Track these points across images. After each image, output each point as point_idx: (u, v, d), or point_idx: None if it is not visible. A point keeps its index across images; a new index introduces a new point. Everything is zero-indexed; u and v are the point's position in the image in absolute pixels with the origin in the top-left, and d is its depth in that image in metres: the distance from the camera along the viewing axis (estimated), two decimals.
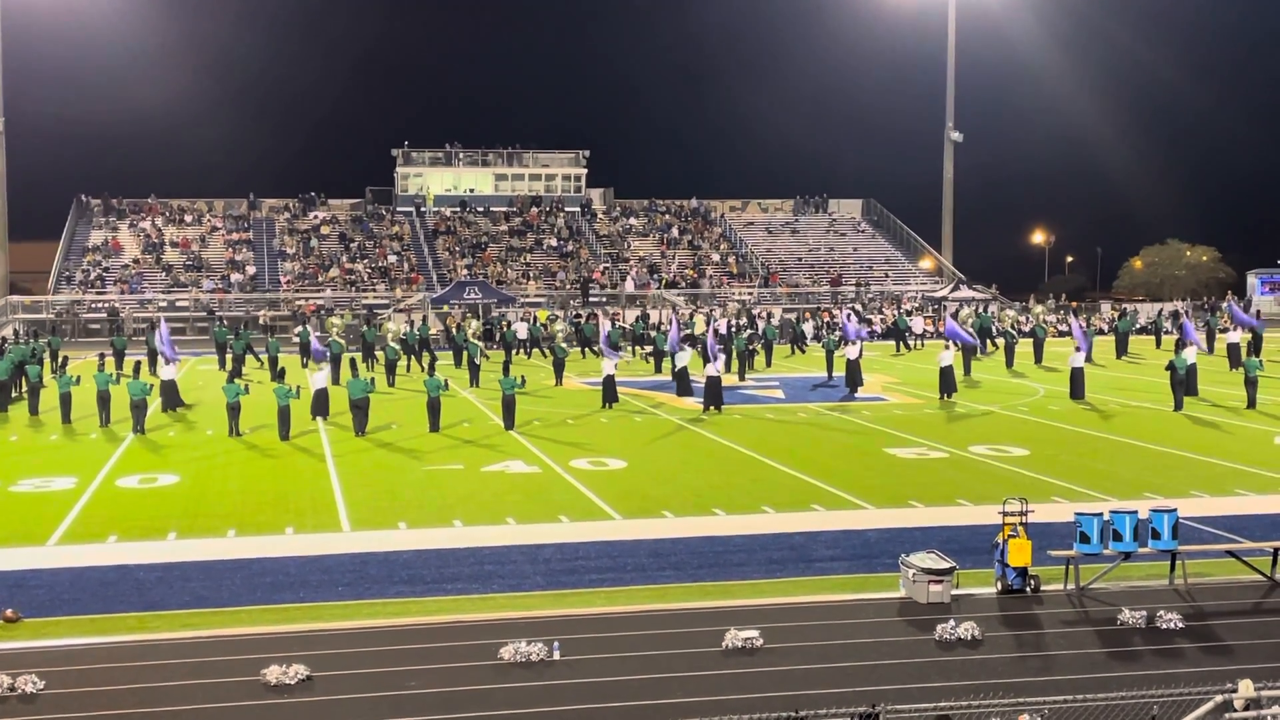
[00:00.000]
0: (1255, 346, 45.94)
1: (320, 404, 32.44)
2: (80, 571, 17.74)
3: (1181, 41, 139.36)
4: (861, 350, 40.18)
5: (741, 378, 42.53)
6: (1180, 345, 38.39)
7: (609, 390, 35.14)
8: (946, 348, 38.83)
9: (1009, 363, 45.79)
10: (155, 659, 14.06)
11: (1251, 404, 33.63)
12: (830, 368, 42.57)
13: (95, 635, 14.92)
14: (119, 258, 74.16)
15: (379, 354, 45.31)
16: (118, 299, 67.87)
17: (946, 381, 36.70)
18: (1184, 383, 34.36)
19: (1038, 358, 47.42)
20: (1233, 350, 43.78)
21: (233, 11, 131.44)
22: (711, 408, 33.90)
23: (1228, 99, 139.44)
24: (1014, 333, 49.43)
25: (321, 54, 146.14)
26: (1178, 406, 33.52)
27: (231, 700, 12.82)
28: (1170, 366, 34.51)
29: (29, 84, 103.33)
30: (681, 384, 37.24)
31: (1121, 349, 50.36)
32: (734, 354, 43.87)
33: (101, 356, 38.73)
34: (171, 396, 34.26)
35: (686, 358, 37.87)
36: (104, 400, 31.70)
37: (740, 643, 14.25)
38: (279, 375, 34.79)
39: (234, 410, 29.93)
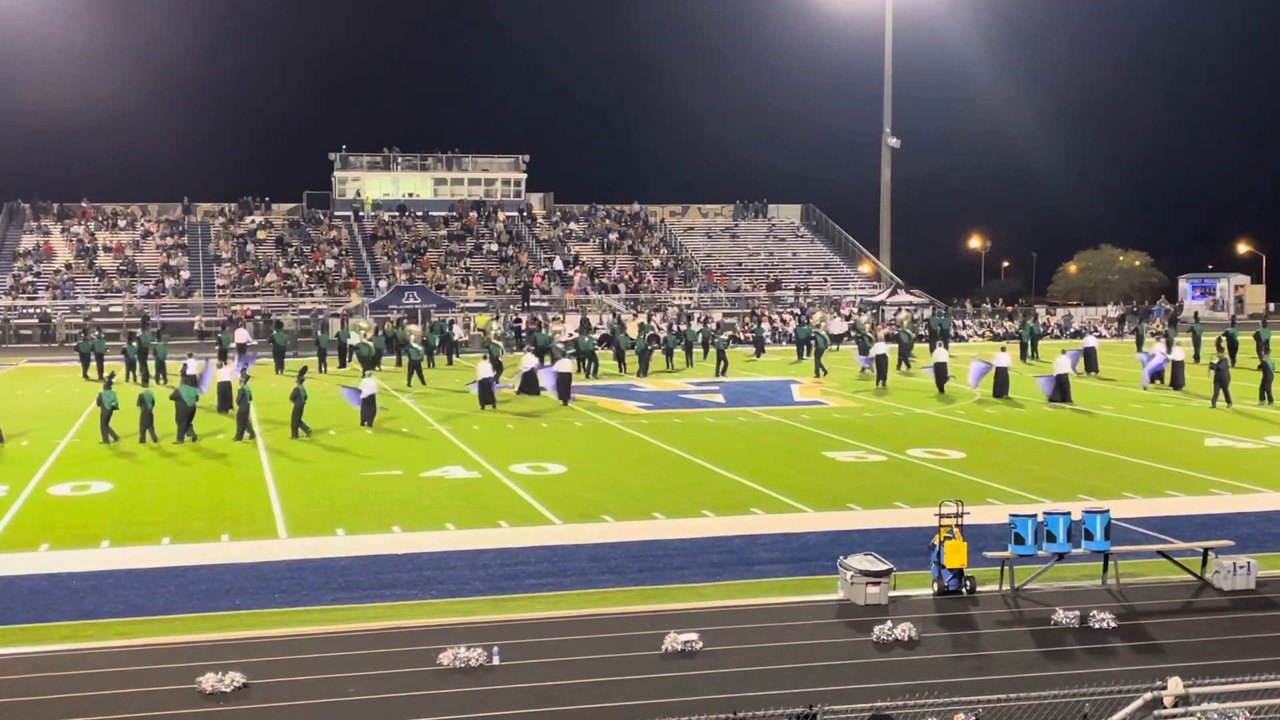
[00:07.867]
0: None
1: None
2: (11, 580, 17.43)
3: (1118, 51, 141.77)
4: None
5: (642, 374, 44.05)
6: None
7: (485, 393, 35.56)
8: (883, 340, 40.69)
9: (900, 363, 45.90)
10: (88, 668, 13.87)
11: (1227, 401, 34.86)
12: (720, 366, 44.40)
13: (26, 645, 14.68)
14: (51, 263, 73.07)
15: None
16: (49, 304, 66.87)
17: (881, 369, 40.51)
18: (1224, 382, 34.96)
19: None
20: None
21: (167, 12, 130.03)
22: (563, 401, 36.04)
23: (1163, 108, 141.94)
24: (910, 334, 49.43)
25: (258, 56, 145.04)
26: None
27: (166, 709, 12.67)
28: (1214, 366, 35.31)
29: None
30: (526, 383, 38.16)
31: (1025, 352, 50.03)
32: (673, 353, 45.13)
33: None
34: (225, 397, 33.99)
35: (569, 364, 38.26)
36: None
37: (680, 646, 14.29)
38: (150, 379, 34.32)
39: (149, 418, 29.54)
